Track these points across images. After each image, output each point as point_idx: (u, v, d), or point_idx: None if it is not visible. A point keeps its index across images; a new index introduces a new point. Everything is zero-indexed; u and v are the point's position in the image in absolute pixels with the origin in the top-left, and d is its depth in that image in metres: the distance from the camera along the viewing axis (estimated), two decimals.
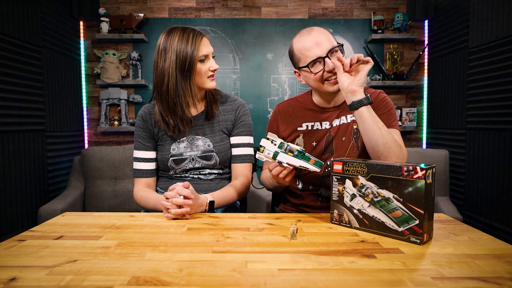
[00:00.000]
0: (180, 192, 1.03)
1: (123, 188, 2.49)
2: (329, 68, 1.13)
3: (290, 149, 0.99)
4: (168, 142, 1.29)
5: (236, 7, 2.99)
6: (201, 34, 1.22)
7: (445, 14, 2.67)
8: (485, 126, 2.23)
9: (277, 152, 1.00)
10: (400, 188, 0.84)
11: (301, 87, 3.02)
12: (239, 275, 0.67)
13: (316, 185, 1.26)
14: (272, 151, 1.00)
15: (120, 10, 2.97)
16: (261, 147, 1.02)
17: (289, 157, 0.98)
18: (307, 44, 1.15)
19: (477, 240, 0.86)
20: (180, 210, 1.03)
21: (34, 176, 2.29)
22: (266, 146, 1.01)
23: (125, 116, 2.93)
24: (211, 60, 1.23)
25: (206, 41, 1.22)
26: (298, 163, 0.97)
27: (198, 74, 1.21)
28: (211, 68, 1.22)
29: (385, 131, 1.05)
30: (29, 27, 2.23)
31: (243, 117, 1.34)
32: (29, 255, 0.76)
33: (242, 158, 1.32)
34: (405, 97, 3.05)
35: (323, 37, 1.15)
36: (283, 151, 1.00)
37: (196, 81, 1.23)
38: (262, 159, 1.03)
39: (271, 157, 1.01)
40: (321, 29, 1.18)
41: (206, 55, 1.21)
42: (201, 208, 1.12)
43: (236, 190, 1.26)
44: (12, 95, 2.07)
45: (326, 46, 1.13)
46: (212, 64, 1.23)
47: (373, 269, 0.69)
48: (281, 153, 0.99)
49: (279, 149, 1.00)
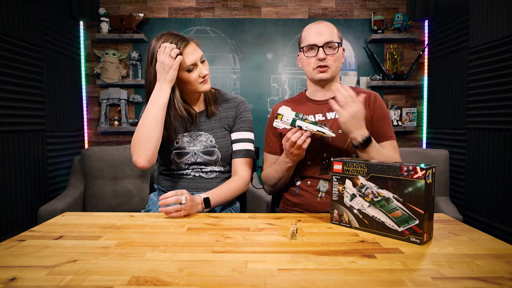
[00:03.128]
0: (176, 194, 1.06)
1: (123, 188, 2.49)
2: (319, 57, 1.23)
3: (306, 118, 1.10)
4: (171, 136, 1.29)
5: (236, 7, 2.99)
6: (186, 41, 1.18)
7: (445, 14, 2.67)
8: (485, 126, 2.23)
9: (295, 119, 1.09)
10: (400, 188, 0.84)
11: (301, 87, 3.02)
12: (239, 275, 0.67)
13: (314, 178, 1.27)
14: (290, 118, 1.09)
15: (120, 10, 2.97)
16: (279, 115, 1.10)
17: (307, 123, 1.08)
18: (311, 31, 1.26)
19: (477, 240, 0.86)
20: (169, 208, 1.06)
21: (34, 176, 2.29)
22: (284, 113, 1.09)
23: (125, 116, 2.93)
24: (199, 66, 1.20)
25: (191, 49, 1.18)
26: (316, 128, 1.07)
27: (189, 83, 1.21)
28: (201, 75, 1.20)
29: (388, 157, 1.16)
30: (29, 27, 2.23)
31: (244, 113, 1.35)
32: (29, 255, 0.76)
33: (242, 152, 1.32)
34: (405, 97, 3.05)
35: (326, 30, 1.25)
36: (300, 118, 1.09)
37: (188, 89, 1.23)
38: (280, 126, 1.11)
39: (289, 123, 1.09)
40: (330, 25, 1.28)
41: (193, 64, 1.18)
42: (197, 207, 1.13)
43: (234, 187, 1.26)
44: (12, 95, 2.07)
45: (324, 38, 1.23)
46: (201, 71, 1.20)
47: (373, 269, 0.69)
48: (298, 120, 1.08)
49: (296, 117, 1.09)
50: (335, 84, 1.24)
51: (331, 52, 1.24)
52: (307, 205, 1.27)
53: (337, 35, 1.27)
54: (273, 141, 1.39)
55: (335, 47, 1.24)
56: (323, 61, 1.23)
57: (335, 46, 1.24)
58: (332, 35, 1.24)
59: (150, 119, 1.16)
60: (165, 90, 1.16)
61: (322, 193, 1.26)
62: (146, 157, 1.15)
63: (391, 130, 1.28)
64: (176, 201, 1.05)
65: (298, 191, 1.30)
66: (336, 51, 1.24)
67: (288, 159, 1.19)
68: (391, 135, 1.27)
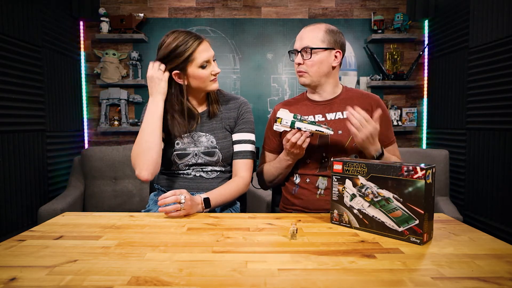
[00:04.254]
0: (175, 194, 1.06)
1: (123, 188, 2.49)
2: (296, 62, 1.27)
3: (304, 119, 1.14)
4: (172, 136, 1.30)
5: (236, 7, 2.99)
6: (200, 38, 1.21)
7: (445, 14, 2.67)
8: (485, 126, 2.23)
9: (293, 121, 1.12)
10: (400, 188, 0.84)
11: (301, 87, 3.02)
12: (239, 275, 0.67)
13: (313, 175, 1.28)
14: (289, 120, 1.12)
15: (120, 10, 2.97)
16: (279, 119, 1.13)
17: (305, 124, 1.12)
18: (298, 35, 1.30)
19: (477, 240, 0.86)
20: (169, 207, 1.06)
21: (34, 176, 2.29)
22: (283, 117, 1.13)
23: (125, 116, 2.93)
24: (212, 64, 1.24)
25: (205, 46, 1.22)
26: (314, 128, 1.11)
27: (200, 79, 1.22)
28: (213, 72, 1.23)
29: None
30: (29, 27, 2.23)
31: (245, 115, 1.35)
32: (29, 255, 0.76)
33: (243, 154, 1.32)
34: (405, 97, 3.05)
35: (308, 35, 1.26)
36: (298, 120, 1.13)
37: (197, 86, 1.24)
38: (280, 129, 1.14)
39: (288, 125, 1.13)
40: (316, 29, 1.26)
41: (207, 60, 1.21)
42: (197, 207, 1.13)
43: (235, 187, 1.26)
44: (12, 95, 2.07)
45: (302, 43, 1.25)
46: (214, 68, 1.23)
47: (373, 269, 0.69)
48: (297, 121, 1.12)
49: (295, 119, 1.13)
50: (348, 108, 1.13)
51: (307, 57, 1.24)
52: (307, 202, 1.28)
53: (321, 39, 1.24)
54: (272, 141, 1.41)
55: (309, 52, 1.23)
56: (300, 66, 1.26)
57: (309, 51, 1.23)
58: (312, 40, 1.23)
59: (148, 131, 1.18)
60: (159, 102, 1.22)
61: (321, 190, 1.26)
62: (148, 169, 1.17)
63: (392, 134, 1.32)
64: (175, 201, 1.05)
65: (298, 189, 1.31)
66: (310, 57, 1.23)
67: (288, 157, 1.22)
68: (392, 139, 1.31)
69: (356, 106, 1.13)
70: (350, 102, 1.27)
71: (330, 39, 1.25)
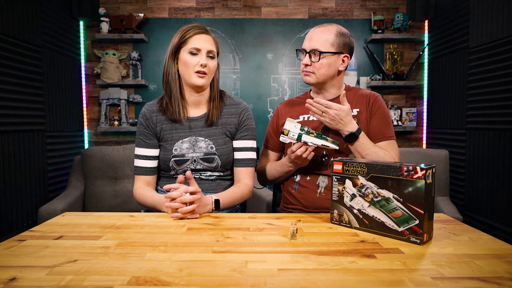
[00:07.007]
0: (187, 189, 1.04)
1: (123, 188, 2.49)
2: (303, 62, 1.27)
3: (310, 131, 1.15)
4: (170, 142, 1.29)
5: (236, 7, 2.99)
6: (201, 30, 1.23)
7: (445, 14, 2.67)
8: (485, 126, 2.23)
9: (300, 133, 1.13)
10: (400, 188, 0.84)
11: (301, 88, 3.02)
12: (239, 275, 0.67)
13: (313, 174, 1.28)
14: (296, 133, 1.13)
15: (120, 10, 2.97)
16: (285, 130, 1.14)
17: (312, 137, 1.13)
18: (308, 33, 1.30)
19: (477, 240, 0.86)
20: (189, 207, 1.03)
21: (34, 176, 2.29)
22: (290, 129, 1.14)
23: (125, 116, 2.93)
24: (203, 56, 1.22)
25: (203, 37, 1.23)
26: (320, 142, 1.13)
27: (185, 66, 1.22)
28: (200, 63, 1.21)
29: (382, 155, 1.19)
30: (29, 27, 2.23)
31: (247, 121, 1.33)
32: (29, 255, 0.76)
33: (245, 162, 1.32)
34: (405, 97, 3.05)
35: (319, 37, 1.25)
36: (305, 133, 1.13)
37: (182, 73, 1.25)
38: (286, 141, 1.15)
39: (295, 138, 1.14)
40: (327, 31, 1.26)
41: (197, 48, 1.21)
42: (207, 207, 1.12)
43: (240, 193, 1.26)
44: (12, 95, 2.07)
45: (311, 44, 1.25)
46: (202, 60, 1.21)
47: (373, 269, 0.69)
48: (304, 134, 1.13)
49: (302, 131, 1.13)
50: (308, 101, 1.20)
51: (315, 60, 1.24)
52: (307, 201, 1.28)
53: (331, 42, 1.24)
54: (273, 139, 1.43)
55: (318, 55, 1.23)
56: (307, 66, 1.27)
57: (317, 54, 1.23)
58: (322, 43, 1.24)
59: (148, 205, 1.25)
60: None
61: (321, 188, 1.26)
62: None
63: (390, 130, 1.28)
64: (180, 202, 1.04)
65: (298, 188, 1.31)
66: (318, 60, 1.24)
67: (291, 165, 1.25)
68: (389, 135, 1.27)
69: (316, 98, 1.19)
70: (351, 100, 1.28)
71: (340, 43, 1.26)
